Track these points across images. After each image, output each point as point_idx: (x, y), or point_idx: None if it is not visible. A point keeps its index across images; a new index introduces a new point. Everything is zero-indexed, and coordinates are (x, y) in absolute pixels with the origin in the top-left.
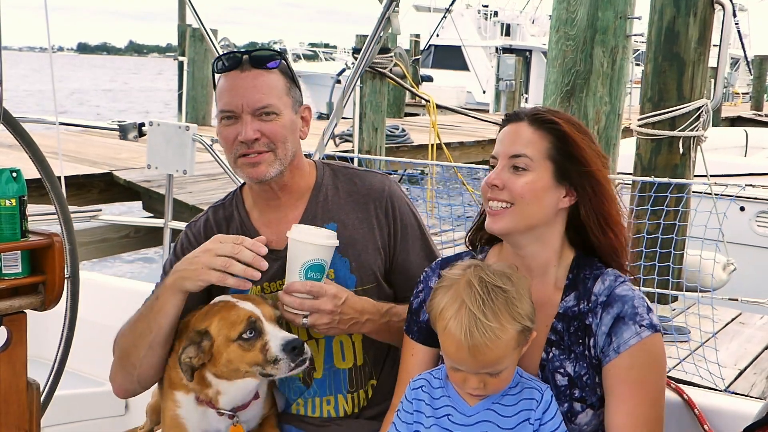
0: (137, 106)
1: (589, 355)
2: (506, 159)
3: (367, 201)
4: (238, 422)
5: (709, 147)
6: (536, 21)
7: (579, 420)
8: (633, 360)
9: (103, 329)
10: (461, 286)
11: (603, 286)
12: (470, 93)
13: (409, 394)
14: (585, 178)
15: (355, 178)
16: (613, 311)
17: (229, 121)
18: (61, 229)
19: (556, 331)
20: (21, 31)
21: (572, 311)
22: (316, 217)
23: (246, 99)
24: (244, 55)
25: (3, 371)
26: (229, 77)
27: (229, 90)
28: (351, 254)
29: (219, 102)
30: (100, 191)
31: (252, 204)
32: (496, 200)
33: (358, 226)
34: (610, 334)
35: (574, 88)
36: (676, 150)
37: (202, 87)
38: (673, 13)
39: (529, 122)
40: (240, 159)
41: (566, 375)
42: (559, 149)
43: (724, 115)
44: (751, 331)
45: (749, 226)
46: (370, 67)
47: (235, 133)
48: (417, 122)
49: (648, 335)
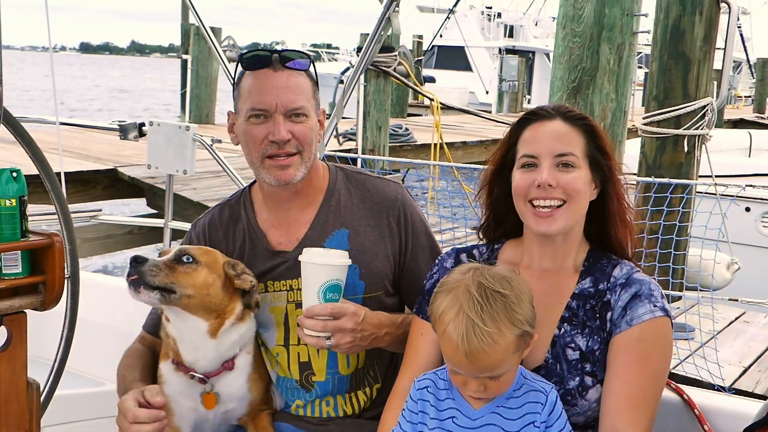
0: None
1: (604, 330)
2: (552, 158)
3: (380, 209)
4: (212, 390)
5: (713, 148)
6: (539, 23)
7: (590, 396)
8: (643, 334)
9: (103, 329)
10: (460, 291)
11: (621, 272)
12: (473, 93)
13: (414, 393)
14: (610, 170)
15: (369, 184)
16: (632, 290)
17: (258, 120)
18: (61, 229)
19: (570, 308)
20: (23, 31)
21: (588, 291)
22: (327, 222)
23: (280, 99)
24: (274, 54)
25: (3, 371)
26: (259, 75)
27: (260, 88)
28: (361, 261)
29: (247, 99)
30: (104, 187)
31: (261, 204)
32: (548, 199)
33: (370, 233)
34: (625, 308)
35: (581, 84)
36: (681, 148)
37: (206, 85)
38: (679, 11)
39: (564, 119)
40: (268, 160)
41: (577, 349)
42: (591, 144)
43: (726, 117)
44: (755, 330)
45: (755, 226)
46: (375, 66)
47: (266, 132)
48: (420, 122)
49: (661, 315)
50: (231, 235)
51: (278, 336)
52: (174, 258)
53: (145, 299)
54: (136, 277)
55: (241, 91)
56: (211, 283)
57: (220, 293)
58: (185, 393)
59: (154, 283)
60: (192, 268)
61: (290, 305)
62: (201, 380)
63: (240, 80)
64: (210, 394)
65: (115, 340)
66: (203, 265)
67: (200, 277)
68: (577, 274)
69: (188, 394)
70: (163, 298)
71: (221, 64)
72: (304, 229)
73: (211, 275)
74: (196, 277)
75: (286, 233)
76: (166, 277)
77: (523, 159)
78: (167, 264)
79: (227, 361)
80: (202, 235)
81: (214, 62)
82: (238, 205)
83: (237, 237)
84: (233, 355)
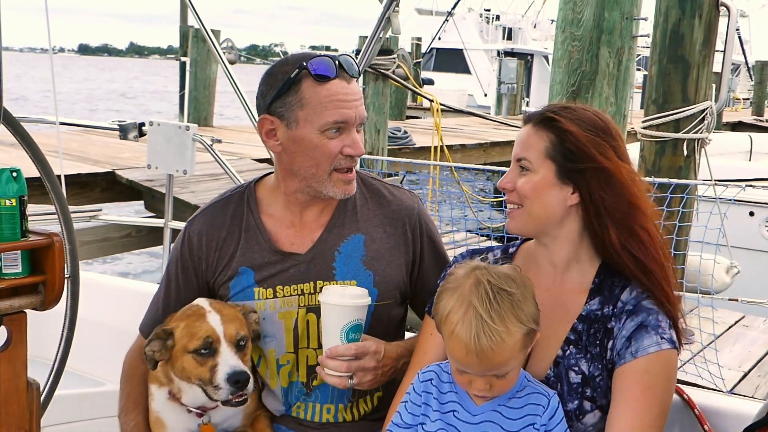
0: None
1: (604, 358)
2: (514, 161)
3: (397, 217)
4: (209, 422)
5: (714, 152)
6: (538, 25)
7: (586, 420)
8: (648, 366)
9: (103, 329)
10: (466, 290)
11: (630, 295)
12: (472, 96)
13: (417, 385)
14: (590, 174)
15: (385, 190)
16: (638, 319)
17: (336, 133)
18: (61, 229)
19: (576, 331)
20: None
21: (595, 314)
22: (343, 226)
23: (357, 111)
24: (335, 60)
25: (3, 371)
26: (333, 86)
27: (340, 101)
28: (376, 268)
29: (325, 111)
30: (103, 190)
31: (271, 203)
32: (509, 202)
33: (386, 241)
34: (630, 338)
35: (580, 88)
36: (680, 152)
37: (204, 88)
38: (678, 14)
39: (533, 123)
40: (336, 173)
41: (580, 373)
42: (557, 147)
43: (725, 120)
44: (755, 334)
45: (758, 231)
46: (373, 68)
47: (340, 146)
48: (419, 125)
49: (667, 348)
50: (234, 234)
51: (288, 342)
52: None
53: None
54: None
55: (307, 101)
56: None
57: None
58: (179, 421)
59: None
60: (246, 348)
61: (301, 310)
62: (198, 414)
63: (298, 87)
64: (208, 425)
65: (115, 340)
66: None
67: (250, 349)
68: (585, 293)
69: (183, 423)
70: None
71: (222, 66)
72: (318, 231)
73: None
74: (249, 352)
75: (300, 234)
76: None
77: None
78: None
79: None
80: (199, 236)
81: (213, 64)
82: (242, 201)
83: (240, 237)
84: None
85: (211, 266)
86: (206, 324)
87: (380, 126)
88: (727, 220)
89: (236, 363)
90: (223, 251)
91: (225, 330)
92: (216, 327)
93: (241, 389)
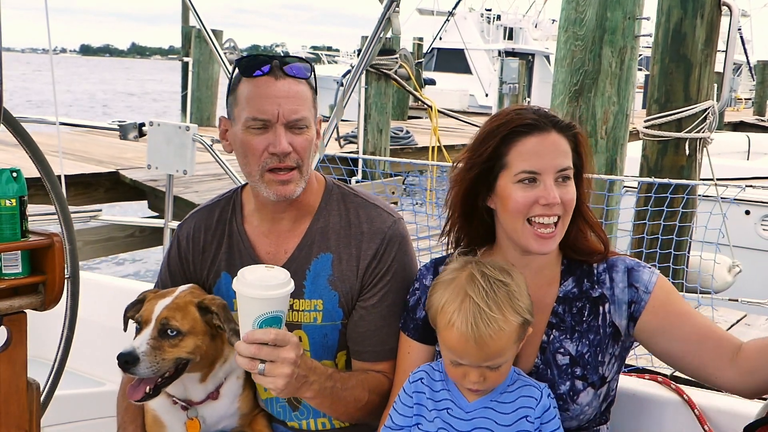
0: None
1: (601, 326)
2: (554, 173)
3: (361, 239)
4: (195, 416)
5: (712, 152)
6: (539, 25)
7: (581, 399)
8: (665, 290)
9: (103, 329)
10: (463, 280)
11: (600, 264)
12: (473, 96)
13: (408, 387)
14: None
15: (362, 210)
16: (621, 268)
17: (259, 131)
18: (61, 229)
19: (557, 314)
20: (23, 33)
21: (572, 293)
22: (313, 244)
23: (282, 109)
24: (274, 60)
25: (3, 371)
26: (260, 83)
27: (261, 97)
28: (341, 289)
29: (247, 107)
30: (106, 190)
31: (252, 210)
32: (551, 216)
33: (350, 262)
34: (630, 284)
35: (583, 87)
36: (682, 151)
37: (206, 88)
38: (680, 14)
39: (558, 131)
40: (268, 174)
41: (567, 354)
42: (576, 152)
43: (726, 120)
44: (756, 333)
45: (754, 229)
46: (376, 68)
47: (266, 144)
48: (421, 124)
49: (659, 275)
50: (218, 239)
51: None
52: (159, 334)
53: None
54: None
55: (239, 98)
56: (200, 344)
57: (211, 347)
58: (176, 420)
59: (152, 375)
60: (179, 339)
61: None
62: (183, 407)
63: (236, 86)
64: (194, 420)
65: (116, 341)
66: (187, 332)
67: (189, 345)
68: (557, 281)
69: (179, 421)
70: (167, 381)
71: (222, 66)
72: (291, 243)
73: (198, 337)
74: (185, 347)
75: (276, 243)
76: (160, 363)
77: (522, 175)
78: (154, 347)
79: (212, 392)
80: (187, 239)
81: (215, 64)
82: (228, 206)
83: (223, 242)
84: (219, 385)
85: (198, 268)
86: (154, 304)
87: (382, 126)
88: (725, 220)
89: (133, 344)
90: (208, 255)
91: (159, 314)
92: (157, 309)
93: (125, 370)
